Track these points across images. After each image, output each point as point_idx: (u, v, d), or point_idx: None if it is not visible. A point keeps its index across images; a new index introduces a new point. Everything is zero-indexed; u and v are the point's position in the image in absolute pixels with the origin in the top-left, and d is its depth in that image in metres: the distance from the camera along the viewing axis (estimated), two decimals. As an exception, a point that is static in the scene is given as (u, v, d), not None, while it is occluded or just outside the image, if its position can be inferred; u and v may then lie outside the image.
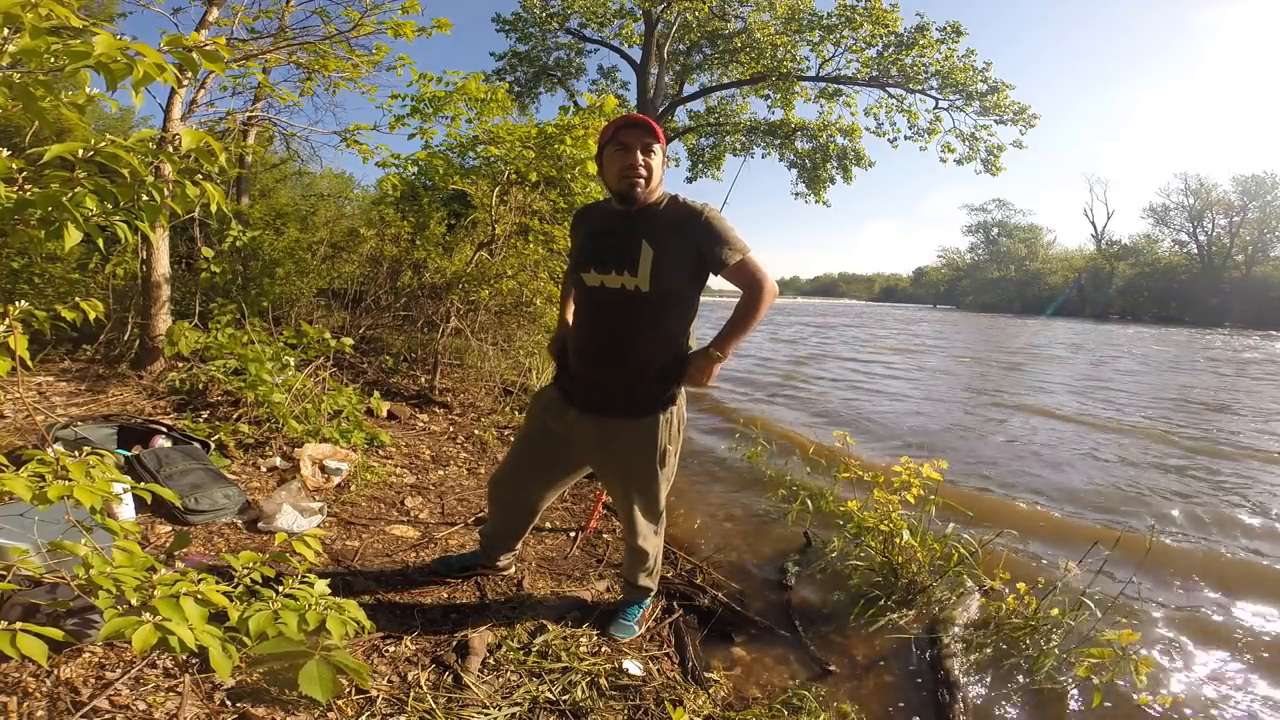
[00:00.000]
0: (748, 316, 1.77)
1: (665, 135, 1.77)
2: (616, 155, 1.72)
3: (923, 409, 7.20)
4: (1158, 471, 4.84)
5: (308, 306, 5.69)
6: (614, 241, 1.73)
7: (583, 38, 18.11)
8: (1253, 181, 43.08)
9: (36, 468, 1.18)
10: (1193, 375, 11.87)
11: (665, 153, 1.80)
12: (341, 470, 2.99)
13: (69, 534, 1.33)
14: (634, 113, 1.78)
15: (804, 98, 17.28)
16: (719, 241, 1.71)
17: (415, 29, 3.81)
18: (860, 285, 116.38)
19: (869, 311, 46.99)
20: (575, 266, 1.83)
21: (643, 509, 1.92)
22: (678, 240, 1.71)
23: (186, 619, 1.09)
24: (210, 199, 1.43)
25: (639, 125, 1.71)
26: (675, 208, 1.75)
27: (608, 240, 1.75)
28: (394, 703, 1.56)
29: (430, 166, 5.27)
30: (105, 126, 9.32)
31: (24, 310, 1.25)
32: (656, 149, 1.73)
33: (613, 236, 1.75)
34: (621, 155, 1.71)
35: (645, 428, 1.80)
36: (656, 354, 1.77)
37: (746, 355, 12.05)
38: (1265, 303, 38.21)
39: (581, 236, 1.87)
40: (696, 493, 3.85)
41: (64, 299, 1.80)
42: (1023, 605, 2.32)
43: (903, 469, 2.72)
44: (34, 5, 1.09)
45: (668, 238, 1.70)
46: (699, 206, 1.74)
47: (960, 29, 15.01)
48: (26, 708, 1.30)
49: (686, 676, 1.90)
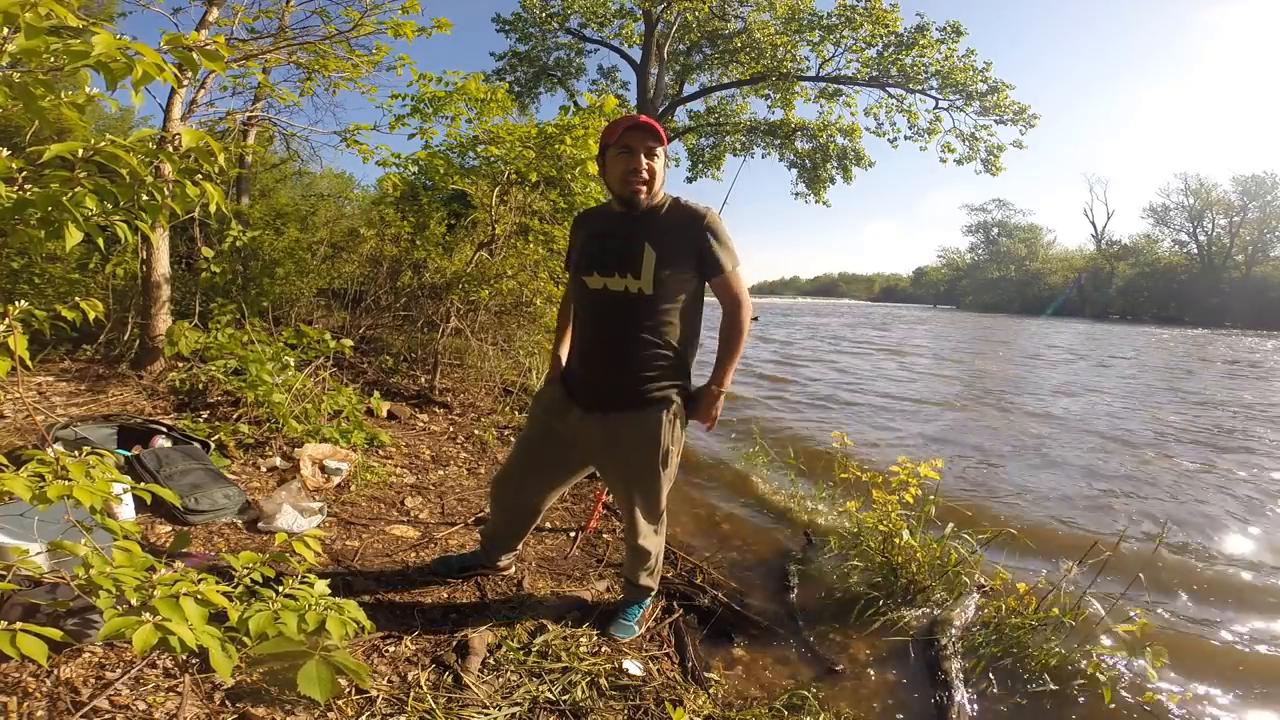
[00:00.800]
0: (736, 341, 1.83)
1: (665, 135, 1.78)
2: (620, 158, 1.72)
3: (922, 412, 7.20)
4: (1154, 484, 4.84)
5: (308, 306, 5.70)
6: (615, 244, 1.73)
7: (583, 38, 18.12)
8: (1253, 181, 43.04)
9: (36, 468, 1.18)
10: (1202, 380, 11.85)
11: (668, 154, 1.81)
12: (341, 470, 2.99)
13: (69, 534, 1.33)
14: (637, 114, 1.79)
15: (804, 98, 17.30)
16: (721, 247, 1.75)
17: (415, 29, 3.81)
18: (860, 285, 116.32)
19: (870, 311, 46.99)
20: (577, 270, 1.83)
21: (644, 508, 1.92)
22: (680, 242, 1.72)
23: (186, 619, 1.09)
24: (210, 199, 1.43)
25: (643, 128, 1.70)
26: (678, 210, 1.76)
27: (609, 243, 1.75)
28: (394, 703, 1.56)
29: (430, 166, 5.27)
30: (105, 126, 9.32)
31: (24, 310, 1.25)
32: (659, 152, 1.73)
33: (614, 239, 1.75)
34: (625, 158, 1.71)
35: (649, 426, 1.80)
36: (660, 355, 1.77)
37: (747, 356, 12.02)
38: (1265, 303, 38.18)
39: (582, 239, 1.86)
40: (697, 493, 3.85)
41: (64, 299, 1.80)
42: (1022, 605, 2.32)
43: (900, 468, 2.72)
44: (33, 5, 1.09)
45: (670, 240, 1.70)
46: (702, 210, 1.75)
47: (960, 29, 15.01)
48: (26, 708, 1.30)
49: (686, 676, 1.90)
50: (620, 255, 1.72)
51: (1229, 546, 3.40)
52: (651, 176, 1.72)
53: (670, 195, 1.81)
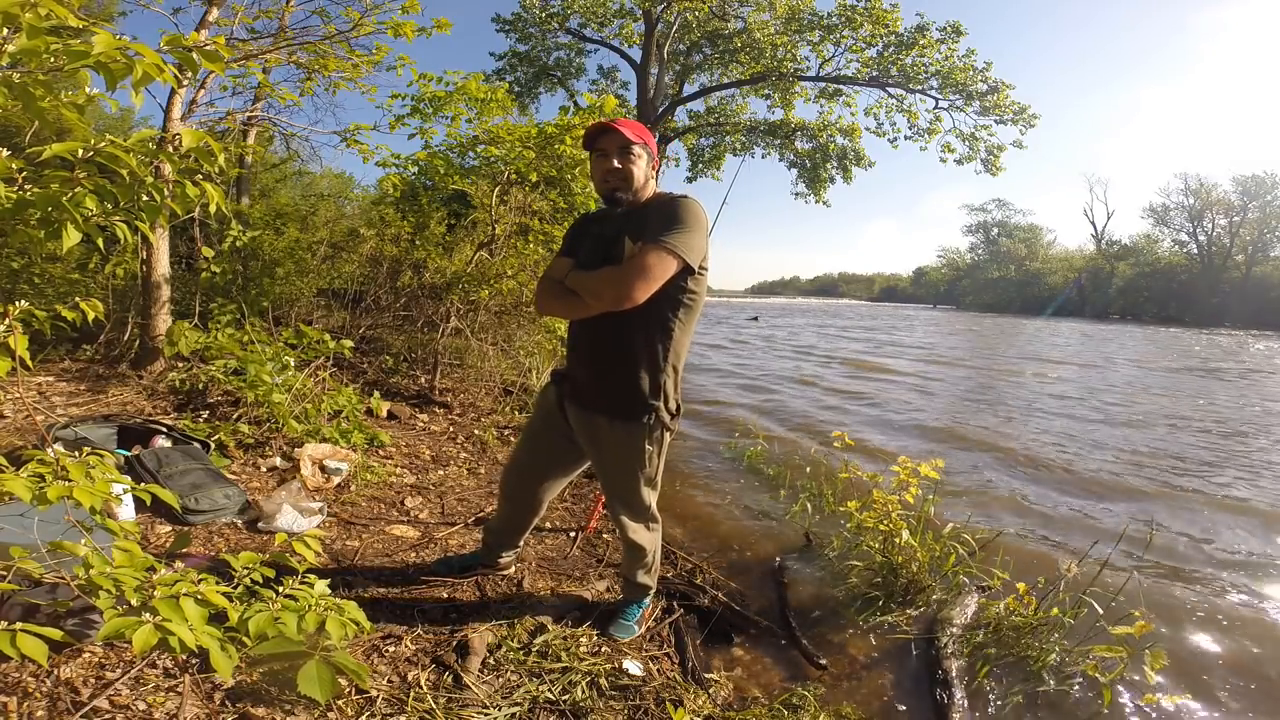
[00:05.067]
0: (589, 283, 1.65)
1: (665, 135, 1.79)
2: (597, 161, 1.78)
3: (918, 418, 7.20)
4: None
5: (308, 306, 5.70)
6: (604, 241, 1.76)
7: (583, 38, 18.09)
8: (1253, 181, 43.06)
9: (36, 468, 1.18)
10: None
11: (652, 151, 1.81)
12: (341, 470, 2.99)
13: (69, 534, 1.33)
14: (610, 119, 1.77)
15: (804, 98, 17.27)
16: (666, 221, 1.63)
17: (415, 29, 3.81)
18: (860, 285, 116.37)
19: (870, 312, 46.99)
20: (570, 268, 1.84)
21: (625, 508, 1.95)
22: (655, 229, 1.71)
23: (186, 619, 1.09)
24: (210, 199, 1.43)
25: (612, 131, 1.73)
26: (658, 202, 1.76)
27: (599, 240, 1.78)
28: (394, 703, 1.55)
29: (430, 166, 5.27)
30: (105, 126, 9.33)
31: (24, 310, 1.25)
32: (637, 150, 1.75)
33: (601, 237, 1.78)
34: (601, 161, 1.76)
35: (626, 434, 1.80)
36: (643, 351, 1.75)
37: (745, 357, 12.04)
38: (1265, 303, 38.21)
39: (578, 240, 1.89)
40: (696, 492, 3.85)
41: (64, 299, 1.80)
42: (1022, 605, 2.32)
43: (900, 468, 2.72)
44: (33, 5, 1.09)
45: (648, 230, 1.69)
46: (677, 196, 1.74)
47: (960, 29, 14.99)
48: (26, 708, 1.30)
49: (686, 676, 1.90)
50: (605, 250, 1.73)
51: (1227, 548, 3.40)
52: (627, 176, 1.74)
53: (661, 191, 1.83)
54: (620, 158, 1.74)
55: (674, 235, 1.62)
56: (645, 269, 1.58)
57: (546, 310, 1.89)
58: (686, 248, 1.62)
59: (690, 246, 1.64)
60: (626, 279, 1.58)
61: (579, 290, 1.69)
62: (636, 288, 1.58)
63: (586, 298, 1.67)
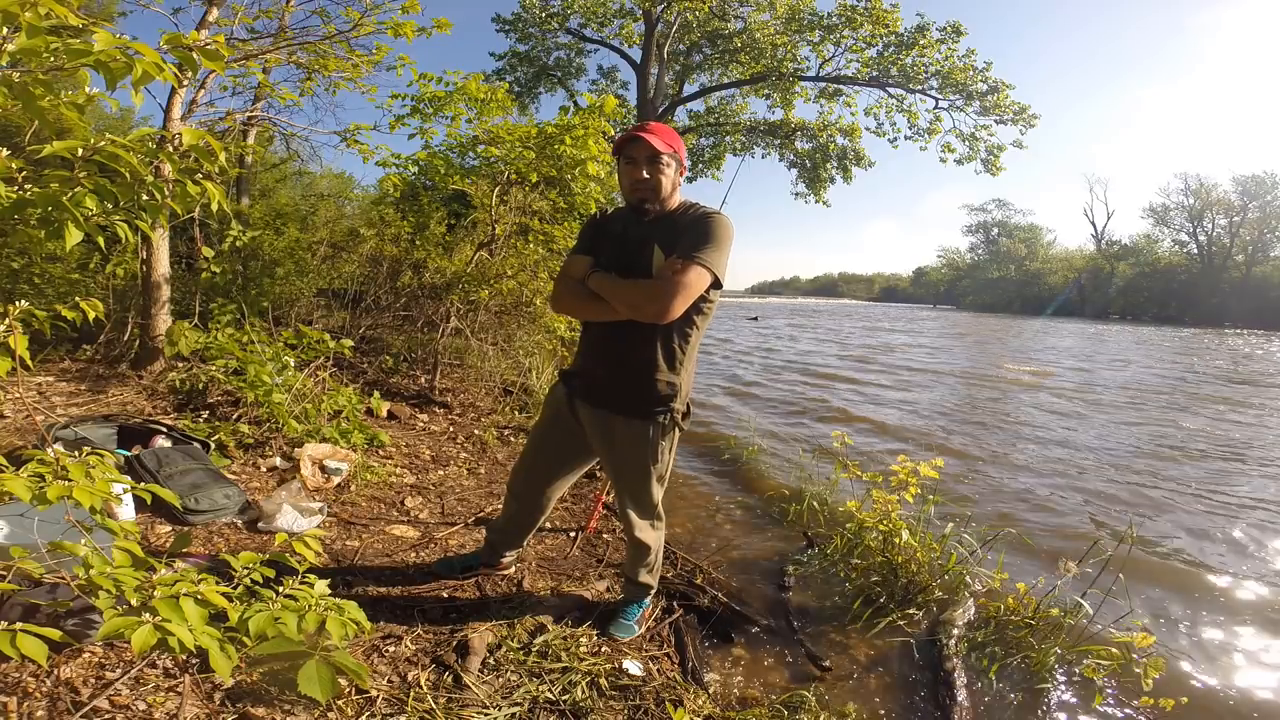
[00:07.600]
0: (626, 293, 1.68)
1: (676, 141, 1.78)
2: (626, 169, 1.78)
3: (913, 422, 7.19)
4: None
5: (308, 306, 5.69)
6: (629, 246, 1.78)
7: (583, 38, 18.09)
8: (1253, 181, 43.04)
9: (36, 468, 1.18)
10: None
11: (681, 158, 1.82)
12: (341, 470, 2.99)
13: (69, 534, 1.33)
14: (642, 124, 1.77)
15: (804, 98, 17.26)
16: (700, 237, 1.70)
17: (415, 29, 3.81)
18: (860, 285, 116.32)
19: (870, 312, 46.98)
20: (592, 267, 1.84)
21: (635, 505, 1.97)
22: (686, 241, 1.73)
23: (186, 619, 1.09)
24: (210, 198, 1.43)
25: (641, 141, 1.74)
26: (690, 213, 1.79)
27: (624, 245, 1.80)
28: (394, 703, 1.55)
29: (430, 166, 5.27)
30: (105, 126, 9.31)
31: (24, 310, 1.24)
32: (666, 159, 1.76)
33: (625, 240, 1.80)
34: (630, 169, 1.77)
35: (643, 433, 1.84)
36: (661, 356, 1.79)
37: (746, 357, 12.04)
38: (1265, 303, 38.18)
39: (597, 240, 1.89)
40: (697, 493, 3.85)
41: (64, 299, 1.80)
42: (1022, 605, 2.32)
43: (900, 468, 2.72)
44: (33, 4, 1.09)
45: (679, 242, 1.72)
46: (710, 211, 1.78)
47: (960, 29, 14.99)
48: (26, 708, 1.30)
49: (686, 676, 1.90)
50: (633, 257, 1.76)
51: (1228, 547, 3.40)
52: (655, 186, 1.76)
53: (689, 201, 1.85)
54: (649, 167, 1.75)
55: (708, 252, 1.68)
56: (685, 286, 1.64)
57: (566, 311, 1.93)
58: (718, 264, 1.70)
59: (721, 263, 1.71)
60: (668, 296, 1.63)
61: (609, 297, 1.72)
62: (676, 304, 1.64)
63: (619, 306, 1.71)
